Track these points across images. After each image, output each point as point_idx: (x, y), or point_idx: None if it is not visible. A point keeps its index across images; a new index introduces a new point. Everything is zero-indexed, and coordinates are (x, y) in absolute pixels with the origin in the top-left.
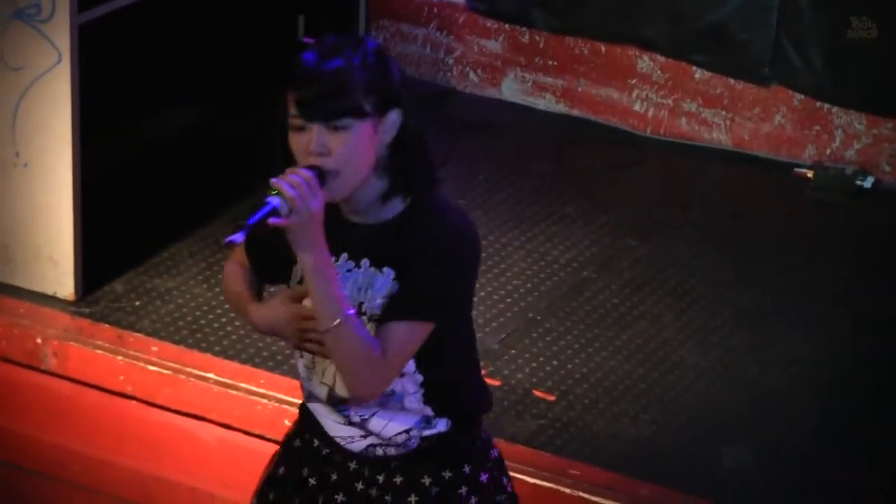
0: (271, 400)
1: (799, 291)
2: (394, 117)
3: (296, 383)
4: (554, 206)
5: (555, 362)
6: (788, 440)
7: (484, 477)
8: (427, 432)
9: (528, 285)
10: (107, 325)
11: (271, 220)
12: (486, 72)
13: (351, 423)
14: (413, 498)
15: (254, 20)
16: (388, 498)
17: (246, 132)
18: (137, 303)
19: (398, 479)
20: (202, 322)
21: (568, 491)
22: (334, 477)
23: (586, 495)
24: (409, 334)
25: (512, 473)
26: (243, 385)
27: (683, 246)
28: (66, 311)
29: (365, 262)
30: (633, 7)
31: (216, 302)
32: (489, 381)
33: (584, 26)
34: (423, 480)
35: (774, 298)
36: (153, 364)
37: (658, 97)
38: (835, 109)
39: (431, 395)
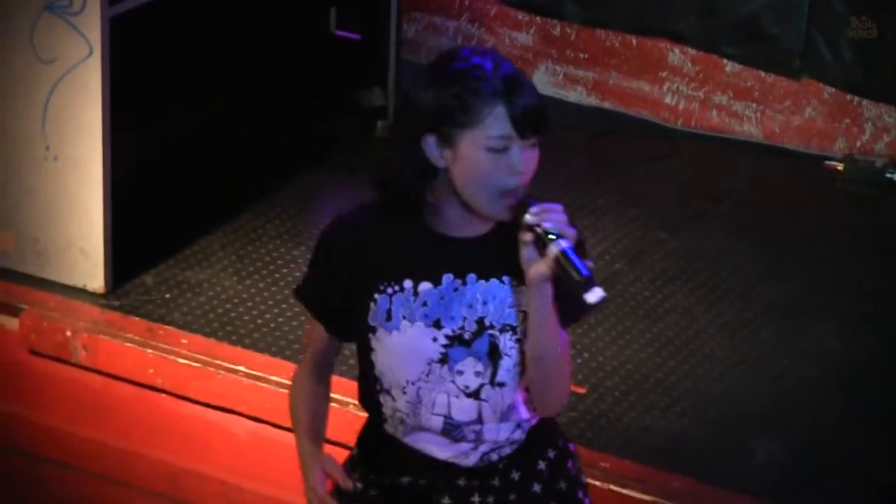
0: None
1: (829, 285)
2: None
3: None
4: (585, 198)
5: (585, 355)
6: (818, 434)
7: (571, 445)
8: (533, 422)
9: None
10: (137, 318)
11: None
12: (518, 64)
13: (461, 440)
14: (537, 487)
15: (285, 12)
16: (512, 497)
17: (277, 124)
18: (168, 295)
19: (515, 475)
20: (232, 315)
21: (598, 484)
22: (447, 501)
23: (617, 488)
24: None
25: None
26: (274, 378)
27: (714, 239)
28: (97, 303)
29: (471, 276)
30: (664, 0)
31: (247, 294)
32: None
33: (615, 19)
34: (537, 466)
35: (805, 292)
36: (183, 357)
37: (689, 90)
38: (865, 102)
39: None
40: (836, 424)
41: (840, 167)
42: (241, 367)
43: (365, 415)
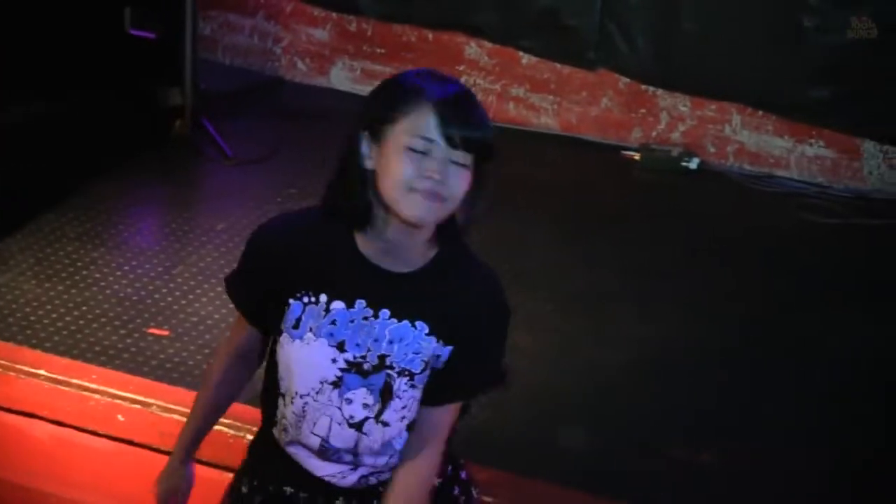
0: (104, 395)
1: (629, 272)
2: (484, 171)
3: (127, 377)
4: None
5: None
6: (626, 419)
7: (463, 474)
8: None
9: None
10: None
11: None
12: (315, 60)
13: (340, 462)
14: None
15: (80, 11)
16: None
17: (72, 124)
18: None
19: None
20: (32, 318)
21: None
22: None
23: None
24: (459, 407)
25: None
26: (75, 381)
27: (515, 230)
28: None
29: (384, 312)
30: None
31: (46, 297)
32: None
33: (411, 13)
34: None
35: (607, 279)
36: None
37: (486, 83)
38: (660, 92)
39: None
40: (642, 410)
41: (637, 156)
42: (41, 371)
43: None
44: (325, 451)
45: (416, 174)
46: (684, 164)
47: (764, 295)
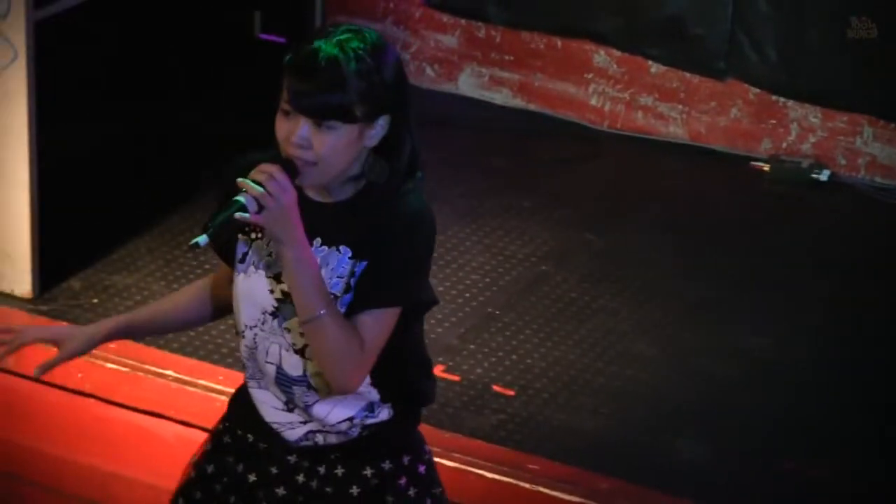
0: (229, 396)
1: (755, 284)
2: (381, 123)
3: None
4: (511, 200)
5: (514, 357)
6: (741, 431)
7: (421, 468)
8: (369, 420)
9: (487, 280)
10: (64, 323)
11: (238, 216)
12: (443, 67)
13: (293, 408)
14: (354, 489)
15: (210, 16)
16: (328, 489)
17: (203, 128)
18: (95, 300)
19: (339, 471)
20: None
21: (527, 486)
22: (274, 471)
23: (546, 490)
24: (384, 321)
25: (471, 469)
26: (201, 381)
27: (640, 239)
28: (24, 308)
29: (317, 240)
30: (589, 2)
31: None
32: (448, 376)
33: (539, 21)
34: (364, 472)
35: (730, 291)
36: (111, 362)
37: (614, 91)
38: (790, 103)
39: (380, 377)
40: (759, 422)
41: (766, 167)
42: (169, 371)
43: None
44: (281, 380)
45: (284, 137)
46: (814, 176)
47: (889, 310)
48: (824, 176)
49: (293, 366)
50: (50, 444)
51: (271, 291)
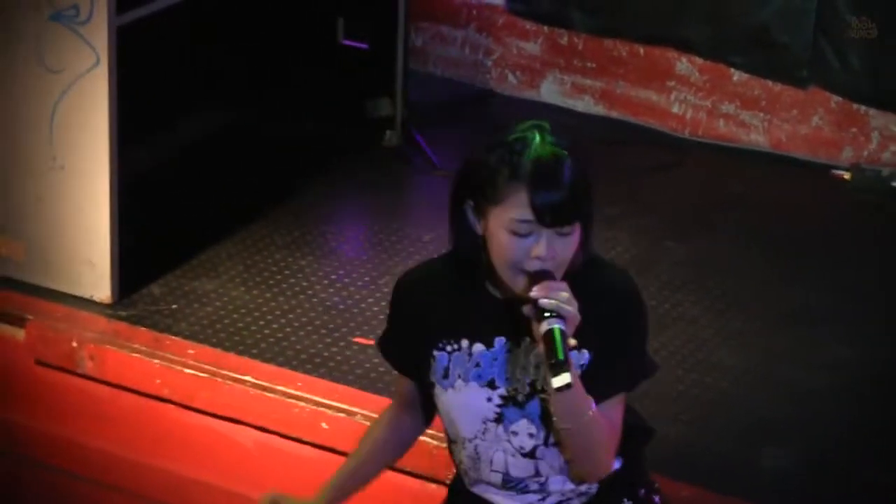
0: (308, 403)
1: (838, 293)
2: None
3: (332, 385)
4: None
5: None
6: (828, 443)
7: (657, 499)
8: (603, 478)
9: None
10: (143, 329)
11: (572, 342)
12: (525, 74)
13: (527, 492)
14: None
15: (293, 22)
16: None
17: (283, 134)
18: (174, 306)
19: None
20: (240, 325)
21: None
22: None
23: None
24: (622, 402)
25: None
26: (280, 388)
27: (722, 247)
28: (103, 314)
29: (526, 339)
30: (671, 9)
31: (254, 304)
32: None
33: (622, 28)
34: None
35: (813, 300)
36: (190, 367)
37: (696, 99)
38: (872, 111)
39: None
40: (846, 433)
41: (847, 176)
42: (247, 377)
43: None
44: (509, 484)
45: (522, 256)
46: (895, 184)
47: None
48: None
49: (522, 468)
50: (128, 448)
51: (489, 399)
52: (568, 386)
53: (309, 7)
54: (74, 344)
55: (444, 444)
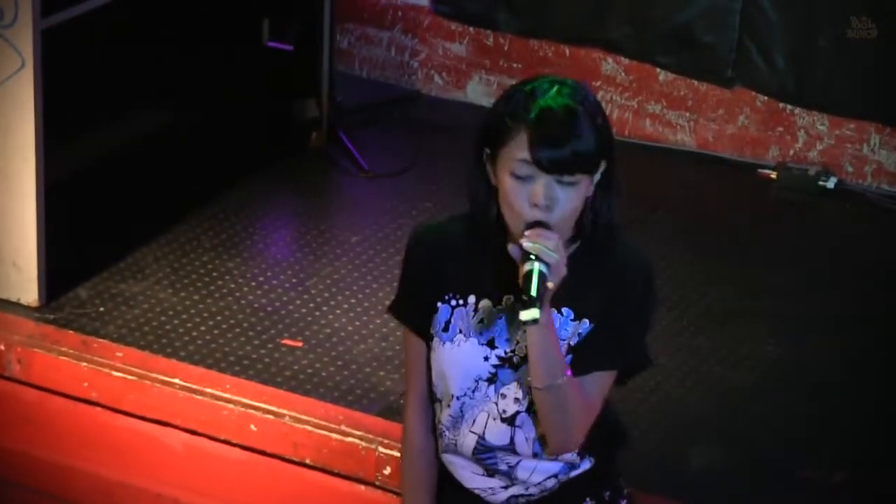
0: (237, 405)
1: (764, 291)
2: (602, 168)
3: (260, 387)
4: None
5: None
6: (757, 442)
7: (623, 503)
8: (573, 474)
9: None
10: (71, 332)
11: (549, 284)
12: (452, 74)
13: (494, 474)
14: None
15: (218, 23)
16: None
17: (209, 136)
18: (102, 308)
19: None
20: (167, 327)
21: None
22: None
23: None
24: (607, 381)
25: None
26: (209, 390)
27: (649, 247)
28: (31, 317)
29: None
30: (598, 9)
31: (182, 307)
32: None
33: (548, 29)
34: None
35: (740, 298)
36: (118, 370)
37: (622, 99)
38: (798, 110)
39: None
40: (773, 429)
41: (773, 175)
42: (176, 380)
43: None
44: (482, 452)
45: (523, 203)
46: (821, 183)
47: None
48: (831, 183)
49: (499, 435)
50: (56, 452)
51: (486, 358)
52: (535, 321)
53: (234, 9)
54: (1, 347)
55: (374, 446)
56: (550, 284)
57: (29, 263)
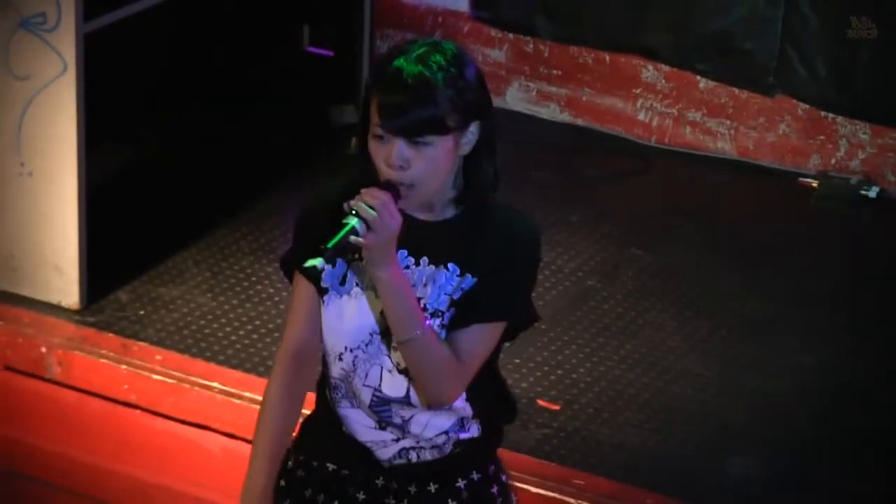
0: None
1: (803, 300)
2: (473, 130)
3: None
4: (558, 214)
5: (559, 371)
6: (793, 451)
7: (504, 477)
8: (462, 435)
9: (533, 294)
10: (111, 334)
11: (352, 239)
12: (491, 81)
13: (385, 427)
14: (452, 502)
15: (259, 29)
16: None
17: (250, 141)
18: (142, 312)
19: (432, 487)
20: (206, 331)
21: (572, 501)
22: (361, 496)
23: None
24: (488, 335)
25: (516, 483)
26: (247, 394)
27: (688, 255)
28: (71, 320)
29: (424, 259)
30: (638, 16)
31: (220, 311)
32: None
33: (588, 35)
34: (456, 484)
35: (778, 307)
36: (157, 373)
37: (662, 106)
38: (839, 119)
39: (474, 393)
40: (810, 440)
41: (814, 184)
42: (214, 384)
43: None
44: (378, 405)
45: (382, 161)
46: (863, 192)
47: None
48: (873, 192)
49: (395, 387)
50: (94, 454)
51: (382, 313)
52: (313, 268)
53: (274, 14)
54: (43, 350)
55: None
56: (363, 240)
57: (70, 266)
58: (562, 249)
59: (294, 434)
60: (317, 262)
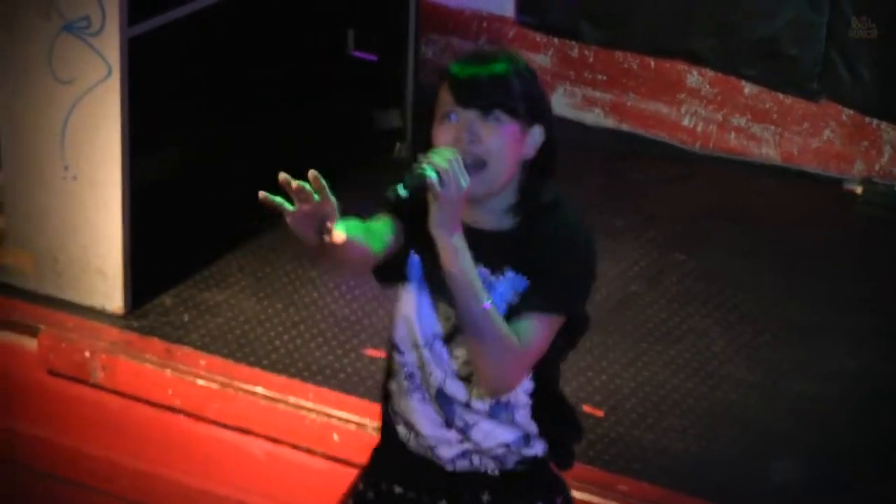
0: (319, 414)
1: (847, 306)
2: (538, 132)
3: (343, 397)
4: (602, 219)
5: (603, 377)
6: (837, 457)
7: (559, 501)
8: (525, 452)
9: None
10: (155, 339)
11: (430, 180)
12: None
13: (451, 426)
14: None
15: (304, 34)
16: None
17: (296, 145)
18: (186, 316)
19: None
20: (251, 336)
21: None
22: None
23: None
24: (543, 327)
25: None
26: (291, 399)
27: (732, 260)
28: (115, 324)
29: (483, 271)
30: (682, 21)
31: (265, 315)
32: None
33: (632, 41)
34: None
35: (821, 312)
36: (201, 378)
37: (707, 112)
38: (884, 125)
39: (539, 410)
40: (854, 445)
41: (858, 190)
42: (258, 388)
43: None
44: (442, 400)
45: (450, 140)
46: None
47: None
48: None
49: (456, 390)
50: (139, 459)
51: (448, 318)
52: (395, 192)
53: (319, 19)
54: (87, 354)
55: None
56: (436, 191)
57: (114, 270)
58: (606, 254)
59: (365, 461)
60: (399, 188)
